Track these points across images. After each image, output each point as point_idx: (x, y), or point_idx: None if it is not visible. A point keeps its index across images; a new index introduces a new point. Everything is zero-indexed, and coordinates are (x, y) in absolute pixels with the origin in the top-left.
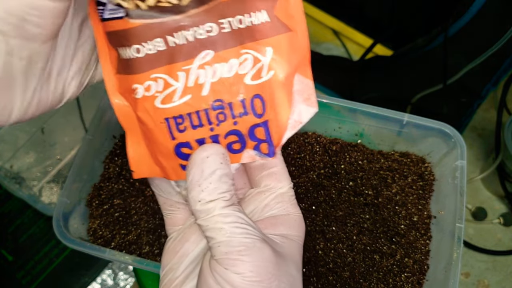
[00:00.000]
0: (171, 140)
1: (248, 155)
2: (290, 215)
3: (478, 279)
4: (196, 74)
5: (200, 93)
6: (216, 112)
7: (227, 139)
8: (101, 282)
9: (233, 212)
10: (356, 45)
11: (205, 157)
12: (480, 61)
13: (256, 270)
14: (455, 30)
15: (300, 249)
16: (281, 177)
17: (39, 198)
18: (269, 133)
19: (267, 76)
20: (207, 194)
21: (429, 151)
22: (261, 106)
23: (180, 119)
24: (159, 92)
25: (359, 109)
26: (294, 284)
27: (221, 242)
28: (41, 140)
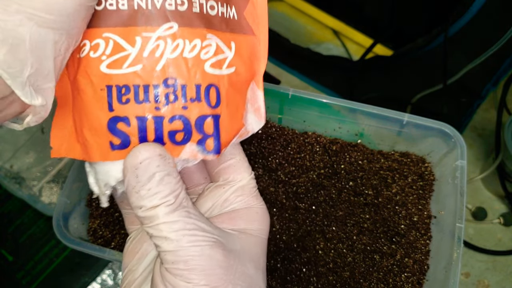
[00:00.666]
0: (107, 111)
1: (190, 150)
2: (251, 208)
3: (478, 279)
4: (154, 44)
5: (154, 66)
6: (167, 91)
7: (172, 125)
8: (101, 282)
9: (179, 219)
10: (356, 45)
11: (137, 162)
12: (480, 61)
13: (206, 278)
14: (455, 30)
15: (262, 243)
16: (240, 169)
17: (39, 198)
18: (218, 129)
19: (227, 71)
20: (148, 201)
21: (429, 151)
22: (215, 97)
23: (125, 89)
24: (107, 55)
25: (359, 109)
26: (252, 283)
27: (167, 252)
28: (41, 140)
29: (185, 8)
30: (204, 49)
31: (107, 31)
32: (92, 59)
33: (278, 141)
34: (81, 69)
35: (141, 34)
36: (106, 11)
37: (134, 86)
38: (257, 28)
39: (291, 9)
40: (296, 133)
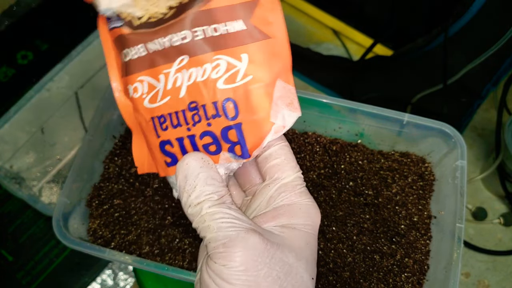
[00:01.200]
0: (156, 137)
1: (225, 157)
2: (293, 204)
3: (478, 279)
4: (174, 77)
5: (178, 95)
6: (192, 113)
7: (203, 140)
8: (101, 282)
9: (219, 210)
10: (356, 45)
11: (185, 164)
12: (480, 61)
13: (240, 260)
14: (455, 30)
15: (306, 237)
16: (284, 168)
17: (39, 198)
18: (242, 136)
19: (243, 81)
20: (194, 197)
21: (429, 151)
22: (233, 109)
23: (163, 118)
24: (145, 93)
25: (359, 109)
26: (291, 272)
27: (210, 239)
28: (41, 140)
29: (189, 39)
30: (215, 70)
31: (140, 75)
32: (136, 99)
33: None
34: (135, 107)
35: (162, 72)
36: (133, 61)
37: (168, 115)
38: (270, 28)
39: (291, 9)
40: (296, 133)
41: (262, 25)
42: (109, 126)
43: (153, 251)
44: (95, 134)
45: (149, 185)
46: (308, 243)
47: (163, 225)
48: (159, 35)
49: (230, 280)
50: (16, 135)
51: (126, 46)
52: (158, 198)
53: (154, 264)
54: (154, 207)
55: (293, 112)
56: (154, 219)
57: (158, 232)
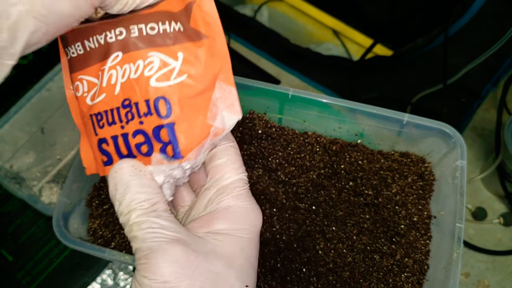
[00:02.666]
0: (94, 135)
1: (156, 159)
2: (229, 208)
3: (478, 279)
4: (108, 74)
5: (113, 92)
6: (125, 111)
7: (136, 139)
8: (101, 282)
9: (147, 219)
10: (356, 45)
11: (114, 172)
12: (480, 61)
13: (159, 272)
14: (455, 30)
15: (241, 242)
16: (225, 169)
17: (39, 198)
18: (175, 136)
19: (177, 79)
20: (124, 206)
21: (429, 151)
22: (165, 108)
23: (99, 116)
24: (86, 91)
25: (359, 109)
26: (219, 280)
27: (136, 250)
28: (41, 140)
29: (123, 36)
30: (148, 67)
31: (80, 74)
32: (79, 97)
33: (278, 141)
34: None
35: (100, 69)
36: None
37: (104, 112)
38: (209, 29)
39: (291, 9)
40: (296, 133)
41: (201, 25)
42: None
43: None
44: None
45: None
46: (243, 249)
47: None
48: (95, 32)
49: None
50: (16, 135)
51: (67, 44)
52: None
53: None
54: None
55: (233, 114)
56: None
57: None
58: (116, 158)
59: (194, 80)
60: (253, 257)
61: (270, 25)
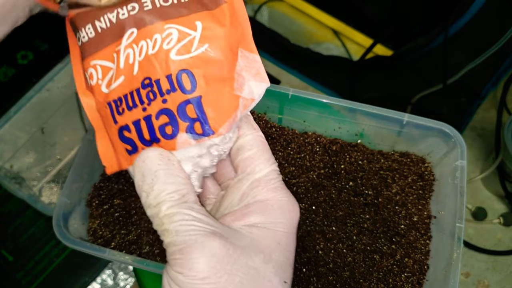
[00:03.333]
0: (114, 124)
1: (182, 140)
2: (266, 201)
3: (478, 279)
4: (125, 54)
5: (132, 72)
6: (146, 91)
7: (159, 120)
8: (101, 282)
9: (179, 210)
10: (356, 45)
11: (141, 162)
12: (480, 61)
13: (197, 268)
14: (455, 30)
15: (278, 236)
16: (257, 161)
17: (39, 198)
18: (202, 110)
19: (199, 50)
20: (153, 198)
21: (429, 151)
22: (189, 82)
23: (119, 101)
24: (100, 78)
25: (359, 109)
26: (258, 276)
27: (168, 243)
28: (41, 140)
29: (136, 11)
30: (166, 40)
31: (92, 59)
32: (94, 87)
33: (278, 141)
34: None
35: (115, 50)
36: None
37: (124, 96)
38: None
39: (291, 9)
40: (296, 133)
41: None
42: None
43: (153, 251)
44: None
45: None
46: (280, 243)
47: None
48: (106, 10)
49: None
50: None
51: (77, 29)
52: None
53: (154, 264)
54: None
55: (260, 82)
56: None
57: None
58: (140, 144)
59: (216, 50)
60: (290, 252)
61: (270, 25)
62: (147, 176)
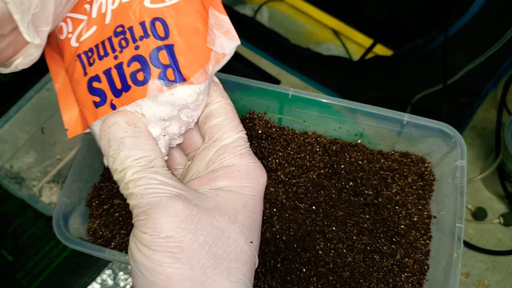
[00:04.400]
0: (83, 76)
1: (154, 86)
2: (232, 166)
3: (478, 279)
4: (98, 4)
5: (103, 21)
6: (119, 39)
7: (131, 67)
8: (101, 282)
9: (144, 175)
10: (356, 45)
11: (107, 128)
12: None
13: (161, 227)
14: (455, 30)
15: (244, 199)
16: (225, 128)
17: (39, 198)
18: (175, 57)
19: (171, 1)
20: (119, 163)
21: (429, 151)
22: (162, 30)
23: (90, 52)
24: (71, 32)
25: (359, 109)
26: (222, 236)
27: (133, 206)
28: (41, 140)
29: None
30: None
31: None
32: (63, 41)
33: (278, 141)
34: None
35: (87, 1)
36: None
37: (95, 46)
38: None
39: (291, 9)
40: (296, 133)
41: None
42: None
43: None
44: None
45: None
46: (246, 205)
47: None
48: None
49: (152, 247)
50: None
51: None
52: None
53: None
54: None
55: (231, 40)
56: None
57: None
58: (110, 95)
59: (189, 3)
60: (256, 214)
61: (270, 25)
62: (113, 142)
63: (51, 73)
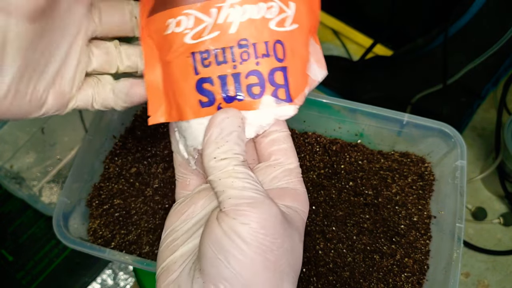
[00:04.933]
0: (194, 74)
1: (267, 101)
2: (296, 189)
3: (478, 279)
4: (227, 12)
5: (228, 30)
6: (241, 51)
7: (248, 80)
8: (101, 282)
9: (245, 170)
10: (356, 45)
11: (225, 118)
12: (480, 61)
13: (263, 223)
14: (455, 30)
15: (302, 222)
16: (290, 154)
17: (39, 198)
18: (287, 80)
19: (290, 27)
20: (222, 152)
21: (429, 151)
22: (282, 52)
23: (206, 54)
24: (189, 28)
25: (359, 109)
26: (295, 250)
27: (232, 195)
28: (41, 140)
29: None
30: (268, 10)
31: (186, 8)
32: (177, 34)
33: None
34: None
35: (214, 6)
36: None
37: (214, 50)
38: None
39: None
40: (296, 133)
41: None
42: (109, 126)
43: (153, 251)
44: (95, 134)
45: (149, 185)
46: (303, 227)
47: (163, 225)
48: None
49: (246, 239)
50: (16, 135)
51: None
52: (158, 198)
53: (154, 264)
54: (154, 207)
55: (321, 69)
56: (154, 219)
57: (158, 232)
58: (220, 99)
59: (302, 31)
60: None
61: None
62: (225, 131)
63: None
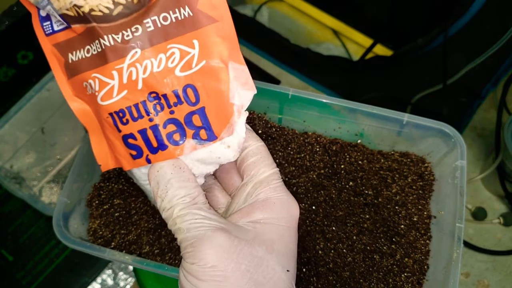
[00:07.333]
0: (117, 132)
1: (190, 145)
2: (267, 199)
3: (478, 279)
4: (128, 71)
5: (135, 87)
6: (153, 103)
7: (167, 129)
8: (101, 282)
9: (189, 211)
10: (356, 45)
11: (156, 171)
12: (480, 61)
13: (207, 258)
14: (455, 30)
15: (279, 230)
16: (260, 165)
17: (39, 198)
18: (207, 119)
19: (198, 66)
20: (167, 202)
21: (429, 151)
22: (193, 95)
23: (121, 113)
24: (97, 91)
25: (359, 109)
26: (261, 264)
27: (181, 240)
28: (41, 140)
29: (140, 32)
30: (170, 59)
31: (93, 72)
32: (91, 95)
33: (278, 141)
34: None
35: (114, 68)
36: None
37: (127, 108)
38: (216, 12)
39: (291, 9)
40: (296, 133)
41: (209, 9)
42: None
43: (153, 251)
44: None
45: None
46: (282, 236)
47: (163, 225)
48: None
49: (200, 277)
50: (16, 135)
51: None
52: None
53: (154, 264)
54: (154, 207)
55: (248, 90)
56: (154, 219)
57: (158, 232)
58: (146, 151)
59: (213, 64)
60: (291, 243)
61: (270, 25)
62: (161, 183)
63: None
